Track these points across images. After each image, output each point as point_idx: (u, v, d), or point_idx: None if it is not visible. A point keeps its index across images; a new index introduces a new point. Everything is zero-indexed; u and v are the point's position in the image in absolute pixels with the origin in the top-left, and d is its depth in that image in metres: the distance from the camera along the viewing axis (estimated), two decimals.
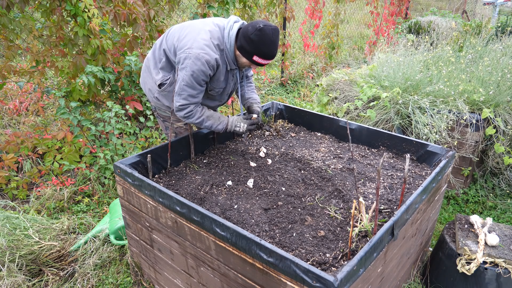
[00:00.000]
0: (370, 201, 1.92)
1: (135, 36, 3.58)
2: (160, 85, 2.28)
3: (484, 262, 1.96)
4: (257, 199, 1.96)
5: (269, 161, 2.34)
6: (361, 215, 1.63)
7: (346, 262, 1.36)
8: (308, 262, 1.49)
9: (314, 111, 2.86)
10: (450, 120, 2.95)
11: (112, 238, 2.59)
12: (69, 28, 3.44)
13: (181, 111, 2.19)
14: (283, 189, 2.03)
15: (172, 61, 2.22)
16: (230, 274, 1.61)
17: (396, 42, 5.89)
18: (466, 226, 2.18)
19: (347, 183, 2.09)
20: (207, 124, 2.26)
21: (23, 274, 2.28)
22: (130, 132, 3.81)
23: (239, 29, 2.13)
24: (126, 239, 2.57)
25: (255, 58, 2.09)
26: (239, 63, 2.22)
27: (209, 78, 2.16)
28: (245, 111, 2.59)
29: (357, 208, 1.67)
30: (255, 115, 2.39)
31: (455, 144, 2.97)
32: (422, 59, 3.70)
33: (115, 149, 3.37)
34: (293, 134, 2.80)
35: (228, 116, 2.33)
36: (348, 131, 1.68)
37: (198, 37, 2.07)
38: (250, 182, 2.10)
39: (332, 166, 2.29)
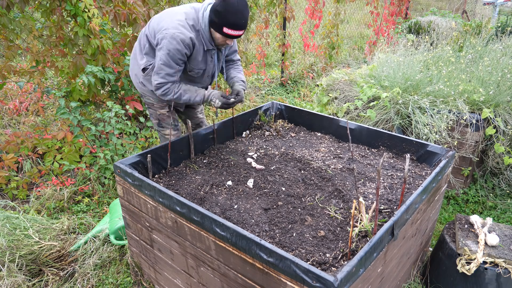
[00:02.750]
0: (370, 201, 1.92)
1: (135, 36, 3.58)
2: (143, 70, 2.39)
3: (484, 262, 1.96)
4: (257, 199, 1.96)
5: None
6: (361, 215, 1.63)
7: (346, 262, 1.36)
8: (308, 262, 1.49)
9: (314, 111, 2.86)
10: (450, 120, 2.95)
11: (112, 238, 2.59)
12: (69, 28, 3.44)
13: (159, 89, 2.27)
14: (283, 189, 2.03)
15: (154, 46, 2.29)
16: (230, 274, 1.61)
17: (396, 42, 5.89)
18: (466, 226, 2.18)
19: (347, 183, 2.09)
20: (184, 97, 2.33)
21: (23, 274, 2.28)
22: (130, 132, 3.81)
23: None
24: (126, 239, 2.57)
25: (225, 29, 2.13)
26: (215, 40, 2.27)
27: (186, 57, 2.25)
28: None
29: (357, 208, 1.67)
30: (232, 99, 2.39)
31: (455, 144, 2.97)
32: (422, 59, 3.70)
33: (115, 149, 3.38)
34: (293, 134, 2.81)
35: (208, 90, 2.40)
36: (348, 131, 1.68)
37: (174, 18, 2.19)
38: (250, 182, 2.10)
39: (332, 166, 2.29)
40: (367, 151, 2.52)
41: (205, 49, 2.30)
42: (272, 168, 2.26)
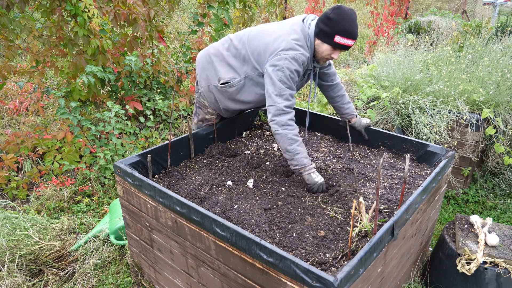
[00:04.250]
0: (370, 201, 1.92)
1: (135, 36, 3.58)
2: (222, 83, 2.27)
3: (484, 262, 1.96)
4: (257, 199, 1.96)
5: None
6: (361, 215, 1.63)
7: (346, 262, 1.36)
8: (308, 262, 1.49)
9: (314, 111, 2.86)
10: (450, 120, 2.95)
11: (112, 238, 2.59)
12: (69, 28, 3.44)
13: (286, 114, 2.03)
14: (283, 189, 2.03)
15: (252, 67, 2.17)
16: (230, 274, 1.61)
17: (396, 42, 5.89)
18: (466, 226, 2.18)
19: (347, 183, 2.09)
20: (299, 147, 2.01)
21: (23, 274, 2.28)
22: (130, 132, 3.81)
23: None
24: (126, 239, 2.57)
25: (337, 38, 1.97)
26: (319, 55, 2.11)
27: None
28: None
29: (357, 208, 1.67)
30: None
31: (455, 144, 2.97)
32: (422, 59, 3.70)
33: (115, 149, 3.37)
34: None
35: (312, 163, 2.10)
36: (348, 131, 1.68)
37: (289, 38, 2.05)
38: (250, 182, 2.10)
39: (332, 166, 2.29)
40: (367, 151, 2.52)
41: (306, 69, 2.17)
42: (272, 168, 2.26)
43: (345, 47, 2.01)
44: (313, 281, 1.26)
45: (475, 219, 2.17)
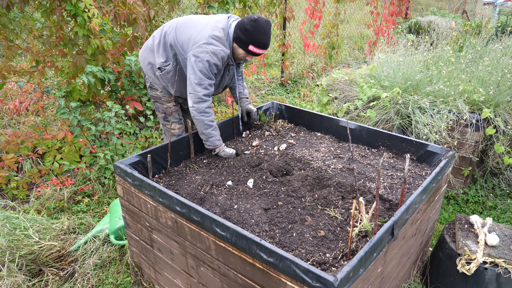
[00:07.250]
0: (370, 201, 1.92)
1: (135, 36, 3.58)
2: (159, 68, 2.46)
3: (484, 262, 1.96)
4: (257, 199, 1.96)
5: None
6: (361, 215, 1.63)
7: (346, 262, 1.36)
8: (308, 262, 1.49)
9: (314, 111, 2.86)
10: (450, 120, 2.95)
11: (112, 238, 2.59)
12: (69, 28, 3.44)
13: (204, 102, 2.28)
14: (283, 189, 2.03)
15: (179, 53, 2.38)
16: (230, 274, 1.61)
17: (396, 42, 5.89)
18: (466, 226, 2.18)
19: (347, 183, 2.09)
20: (213, 132, 2.34)
21: (23, 274, 2.28)
22: (130, 132, 3.81)
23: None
24: (126, 239, 2.57)
25: (251, 47, 2.25)
26: (235, 55, 2.37)
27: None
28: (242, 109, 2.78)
29: (357, 208, 1.66)
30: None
31: (455, 144, 2.97)
32: (422, 59, 3.69)
33: (115, 149, 3.37)
34: (293, 134, 2.80)
35: (224, 144, 2.46)
36: (348, 131, 1.68)
37: (211, 33, 2.25)
38: (250, 182, 2.10)
39: (332, 166, 2.29)
40: (367, 151, 2.52)
41: (226, 63, 2.38)
42: (272, 168, 2.26)
43: (258, 55, 2.31)
44: (313, 281, 1.26)
45: (475, 219, 2.17)
